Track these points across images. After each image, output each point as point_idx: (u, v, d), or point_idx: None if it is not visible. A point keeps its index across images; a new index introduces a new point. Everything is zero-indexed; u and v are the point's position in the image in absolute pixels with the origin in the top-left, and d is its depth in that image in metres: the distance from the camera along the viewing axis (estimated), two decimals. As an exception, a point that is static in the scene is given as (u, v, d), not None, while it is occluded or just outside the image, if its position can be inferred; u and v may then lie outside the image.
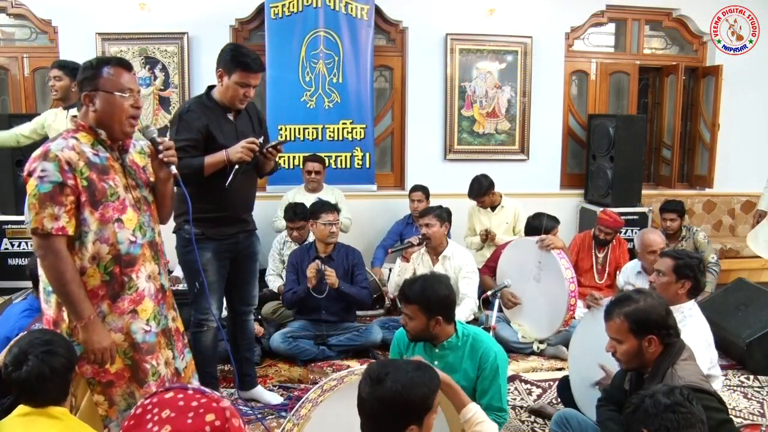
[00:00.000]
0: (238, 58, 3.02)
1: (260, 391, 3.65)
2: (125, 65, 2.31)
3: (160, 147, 2.37)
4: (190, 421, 1.33)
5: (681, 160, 6.96)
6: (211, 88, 3.21)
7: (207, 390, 1.42)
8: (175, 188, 3.15)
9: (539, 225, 4.51)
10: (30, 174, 2.14)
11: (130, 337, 2.33)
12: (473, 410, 2.14)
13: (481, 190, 5.40)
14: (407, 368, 1.79)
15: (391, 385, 1.73)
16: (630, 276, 4.33)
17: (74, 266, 2.20)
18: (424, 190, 5.58)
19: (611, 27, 6.72)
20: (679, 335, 2.40)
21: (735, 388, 3.91)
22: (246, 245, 3.36)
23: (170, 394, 1.39)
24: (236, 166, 2.98)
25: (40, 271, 2.29)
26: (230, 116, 3.16)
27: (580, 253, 5.14)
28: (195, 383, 2.66)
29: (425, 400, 1.76)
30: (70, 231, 2.18)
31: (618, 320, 2.36)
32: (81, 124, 2.27)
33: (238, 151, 2.96)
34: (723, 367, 3.51)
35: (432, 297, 2.62)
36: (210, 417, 1.34)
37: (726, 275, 5.63)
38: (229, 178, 2.96)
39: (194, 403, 1.36)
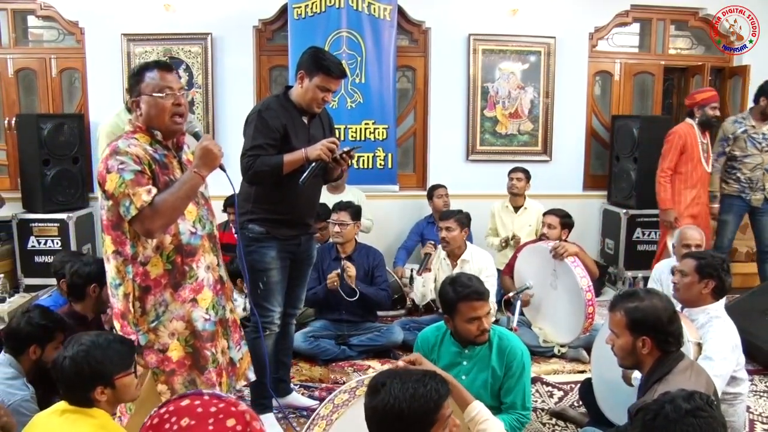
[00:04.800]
0: (321, 61, 2.99)
1: (296, 398, 3.61)
2: (164, 66, 2.40)
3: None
4: (211, 427, 1.29)
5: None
6: (287, 88, 3.18)
7: (223, 394, 1.39)
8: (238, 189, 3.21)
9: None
10: (108, 171, 2.24)
11: (191, 324, 2.41)
12: (477, 408, 2.13)
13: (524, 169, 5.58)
14: (408, 379, 1.71)
15: (384, 396, 1.67)
16: (663, 272, 4.10)
17: (169, 192, 2.28)
18: (443, 186, 5.66)
19: (636, 27, 6.64)
20: (681, 345, 2.37)
21: (762, 393, 3.85)
22: (306, 248, 3.33)
23: (186, 402, 1.34)
24: (312, 164, 2.96)
25: (107, 266, 2.36)
26: (305, 119, 3.14)
27: (688, 142, 4.98)
28: (251, 376, 2.77)
29: (424, 416, 1.68)
30: None
31: (618, 314, 2.40)
32: (138, 125, 2.38)
33: (317, 149, 2.94)
34: (749, 372, 3.44)
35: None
36: (231, 422, 1.30)
37: (752, 279, 5.55)
38: (305, 175, 2.93)
39: (213, 409, 1.32)
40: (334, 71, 3.02)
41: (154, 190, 2.26)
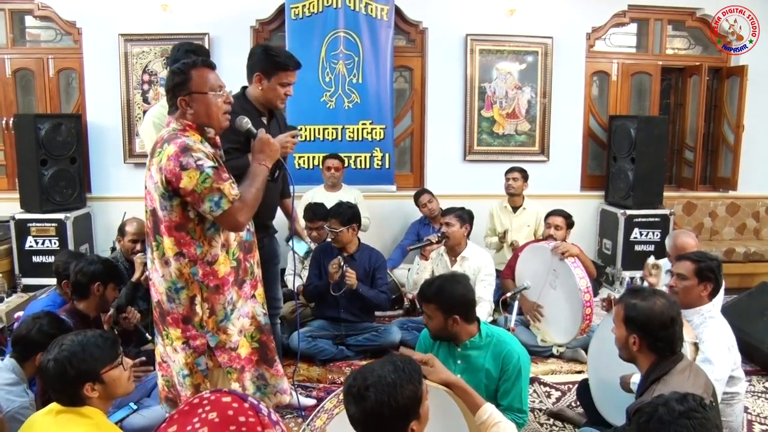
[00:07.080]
0: (275, 59, 3.00)
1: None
2: (210, 65, 2.41)
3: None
4: None
5: (704, 162, 6.88)
6: (244, 88, 3.18)
7: (264, 410, 1.35)
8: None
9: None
10: (184, 168, 2.20)
11: (256, 320, 2.47)
12: (489, 411, 2.13)
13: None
14: (385, 372, 1.71)
15: (375, 397, 1.66)
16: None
17: (247, 184, 2.37)
18: (427, 191, 5.70)
19: (633, 27, 6.65)
20: (675, 352, 2.37)
21: (759, 394, 3.86)
22: (269, 249, 3.34)
23: (228, 399, 1.33)
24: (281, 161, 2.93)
25: (164, 270, 2.33)
26: (263, 119, 3.14)
27: None
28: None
29: (415, 396, 1.71)
30: None
31: (619, 306, 2.47)
32: (188, 124, 2.34)
33: (288, 147, 2.88)
34: (747, 373, 3.45)
35: (448, 296, 2.65)
36: None
37: (750, 279, 5.57)
38: (277, 173, 2.93)
39: (242, 418, 1.30)
40: (291, 65, 3.02)
41: (235, 184, 2.28)
